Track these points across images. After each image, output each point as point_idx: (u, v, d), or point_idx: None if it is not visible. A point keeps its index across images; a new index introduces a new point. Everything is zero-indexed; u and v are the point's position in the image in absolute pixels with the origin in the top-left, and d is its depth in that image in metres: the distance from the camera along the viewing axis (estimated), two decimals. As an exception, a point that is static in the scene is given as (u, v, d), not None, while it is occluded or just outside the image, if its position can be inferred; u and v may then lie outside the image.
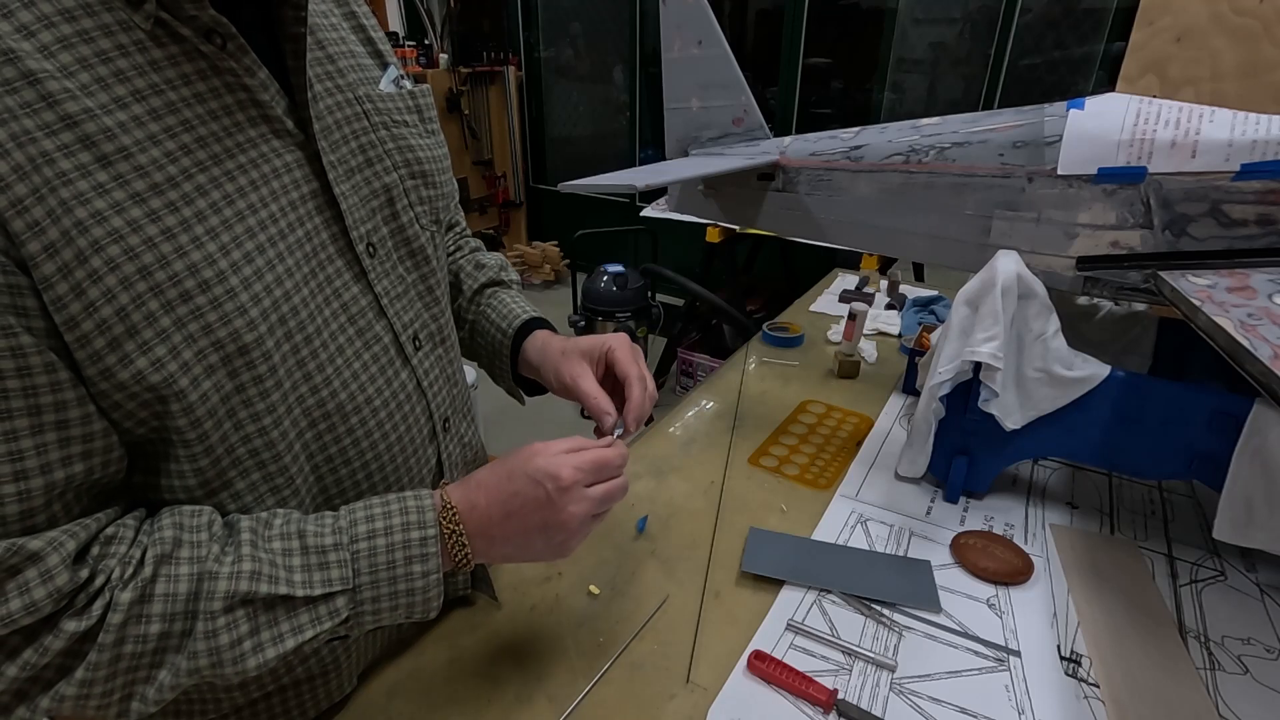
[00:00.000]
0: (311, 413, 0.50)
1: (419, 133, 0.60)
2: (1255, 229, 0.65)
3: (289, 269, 0.47)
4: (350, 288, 0.52)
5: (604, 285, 2.76)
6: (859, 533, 0.78)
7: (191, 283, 0.41)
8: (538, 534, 0.50)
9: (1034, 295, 0.73)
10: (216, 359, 0.43)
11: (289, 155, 0.48)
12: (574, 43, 4.19)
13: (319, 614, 0.45)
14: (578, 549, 0.53)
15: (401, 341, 0.56)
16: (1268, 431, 0.64)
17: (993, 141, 0.76)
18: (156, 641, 0.41)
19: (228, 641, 0.42)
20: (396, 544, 0.47)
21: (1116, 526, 0.80)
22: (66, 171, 0.37)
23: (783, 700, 0.59)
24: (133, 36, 0.40)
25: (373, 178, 0.55)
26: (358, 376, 0.52)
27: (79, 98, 0.37)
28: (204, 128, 0.43)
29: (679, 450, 0.94)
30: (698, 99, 0.99)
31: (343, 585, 0.45)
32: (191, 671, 0.42)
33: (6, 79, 0.35)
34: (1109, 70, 2.71)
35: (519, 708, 0.58)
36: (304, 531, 0.46)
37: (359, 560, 0.46)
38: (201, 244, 0.41)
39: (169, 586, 0.41)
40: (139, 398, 0.41)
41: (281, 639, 0.44)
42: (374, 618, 0.47)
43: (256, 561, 0.43)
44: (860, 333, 1.14)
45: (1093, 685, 0.60)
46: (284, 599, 0.44)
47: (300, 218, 0.48)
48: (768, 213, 0.94)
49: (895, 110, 3.25)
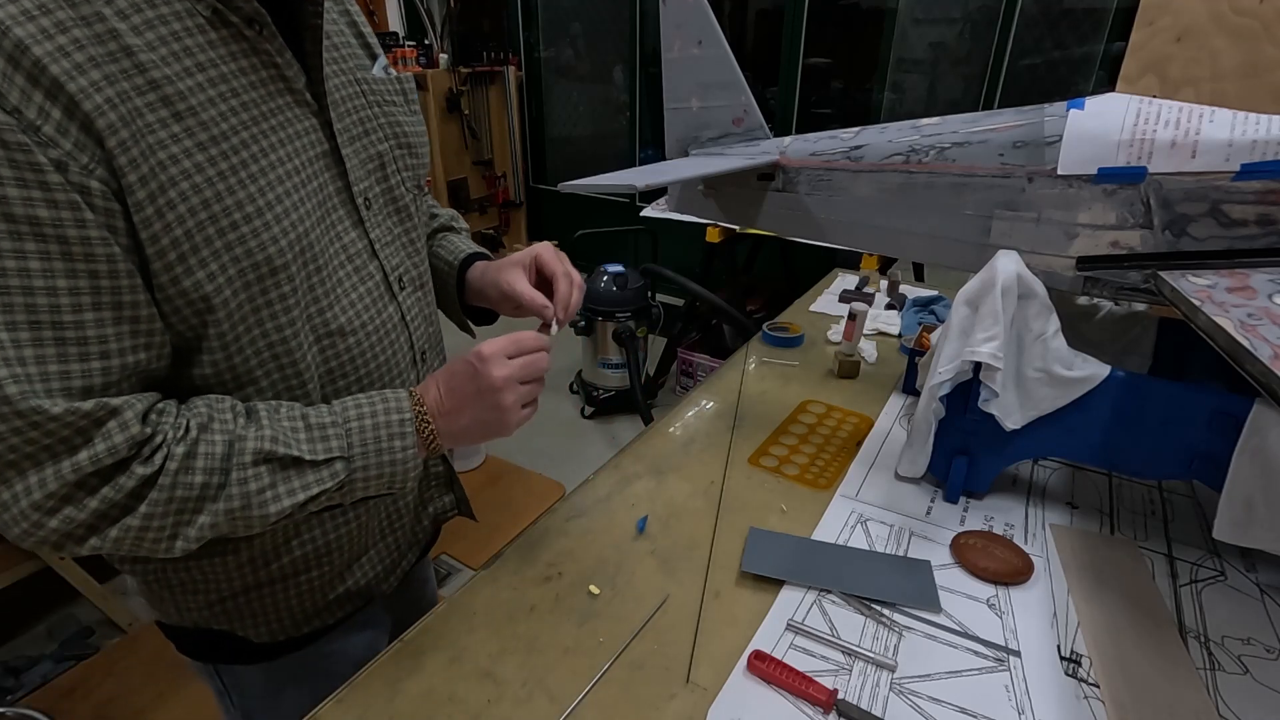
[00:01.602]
0: (318, 330, 0.61)
1: (405, 112, 0.71)
2: (1255, 229, 0.65)
3: (308, 211, 0.57)
4: (350, 232, 0.63)
5: (604, 285, 2.76)
6: (859, 533, 0.78)
7: (239, 214, 0.52)
8: (475, 400, 0.62)
9: (1034, 295, 0.73)
10: (253, 276, 0.54)
11: (307, 121, 0.59)
12: (574, 43, 4.18)
13: (322, 475, 0.56)
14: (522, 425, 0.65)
15: (390, 281, 0.67)
16: (1268, 431, 0.64)
17: (993, 141, 0.76)
18: (200, 490, 0.52)
19: (255, 489, 0.53)
20: (380, 424, 0.59)
21: (1116, 526, 0.80)
22: (152, 123, 0.48)
23: (783, 700, 0.59)
24: (195, 21, 0.51)
25: (369, 145, 0.65)
26: (354, 305, 0.63)
27: (160, 66, 0.48)
28: (247, 95, 0.54)
29: (679, 450, 0.94)
30: (698, 99, 0.99)
31: (340, 453, 0.57)
32: (227, 513, 0.53)
33: (111, 50, 0.46)
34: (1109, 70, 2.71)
35: (519, 708, 0.58)
36: (306, 414, 0.57)
37: (352, 435, 0.58)
38: (245, 185, 0.52)
39: (209, 448, 0.52)
40: (194, 304, 0.52)
41: (294, 492, 0.55)
42: (364, 485, 0.59)
43: (275, 429, 0.55)
44: (860, 333, 1.14)
45: (1093, 685, 0.60)
46: (295, 460, 0.55)
47: (316, 171, 0.59)
48: (768, 213, 0.94)
49: (895, 110, 3.25)
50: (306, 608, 0.71)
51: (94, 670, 1.71)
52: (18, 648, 1.79)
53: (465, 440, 0.64)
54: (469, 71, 3.91)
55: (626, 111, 3.99)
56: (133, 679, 1.68)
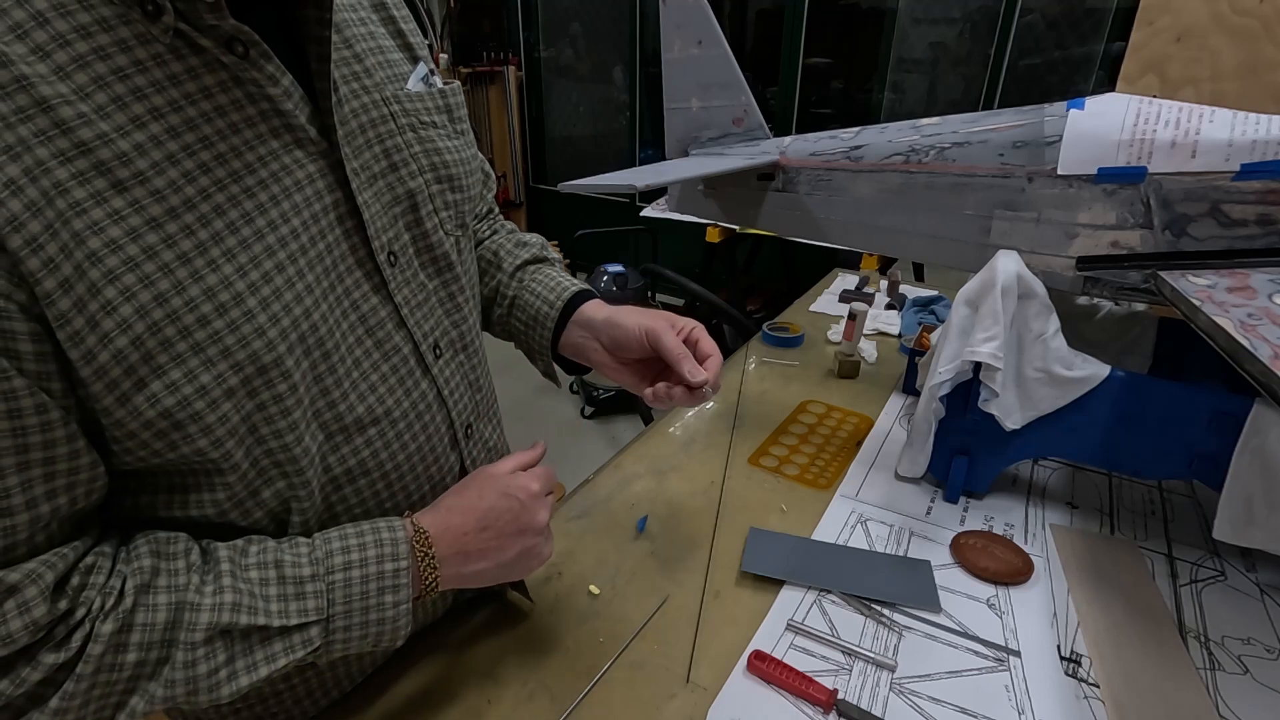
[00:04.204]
0: (329, 426, 0.50)
1: (447, 134, 0.58)
2: (1255, 229, 0.65)
3: (308, 285, 0.45)
4: (369, 299, 0.51)
5: (604, 285, 2.76)
6: (859, 533, 0.78)
7: (208, 307, 0.40)
8: (513, 539, 0.52)
9: (1034, 295, 0.73)
10: (236, 381, 0.42)
11: (311, 166, 0.46)
12: (574, 43, 4.18)
13: (293, 643, 0.45)
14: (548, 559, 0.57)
15: (421, 351, 0.55)
16: (1268, 431, 0.64)
17: (993, 141, 0.76)
18: (133, 669, 0.41)
19: (205, 671, 0.42)
20: (370, 575, 0.47)
21: (1116, 526, 0.80)
22: (80, 201, 0.36)
23: (783, 700, 0.59)
24: (150, 50, 0.38)
25: (396, 183, 0.53)
26: (375, 389, 0.52)
27: (94, 122, 0.36)
28: (224, 143, 0.41)
29: (679, 450, 0.94)
30: (698, 99, 0.99)
31: (318, 615, 0.45)
32: (166, 699, 0.42)
33: (20, 106, 0.34)
34: (1109, 70, 2.71)
35: (519, 708, 0.58)
36: (280, 561, 0.46)
37: (334, 591, 0.46)
38: (218, 266, 0.40)
39: (148, 616, 0.41)
40: (154, 426, 0.40)
41: (255, 667, 0.44)
42: (343, 646, 0.47)
43: (237, 593, 0.43)
44: (860, 333, 1.14)
45: (1093, 685, 0.60)
46: (260, 629, 0.44)
47: (321, 230, 0.47)
48: (768, 213, 0.94)
49: (895, 110, 3.25)
50: (332, 698, 0.60)
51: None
52: (18, 648, 1.79)
53: (470, 581, 0.53)
54: (469, 71, 3.91)
55: (626, 111, 3.99)
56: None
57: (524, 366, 0.76)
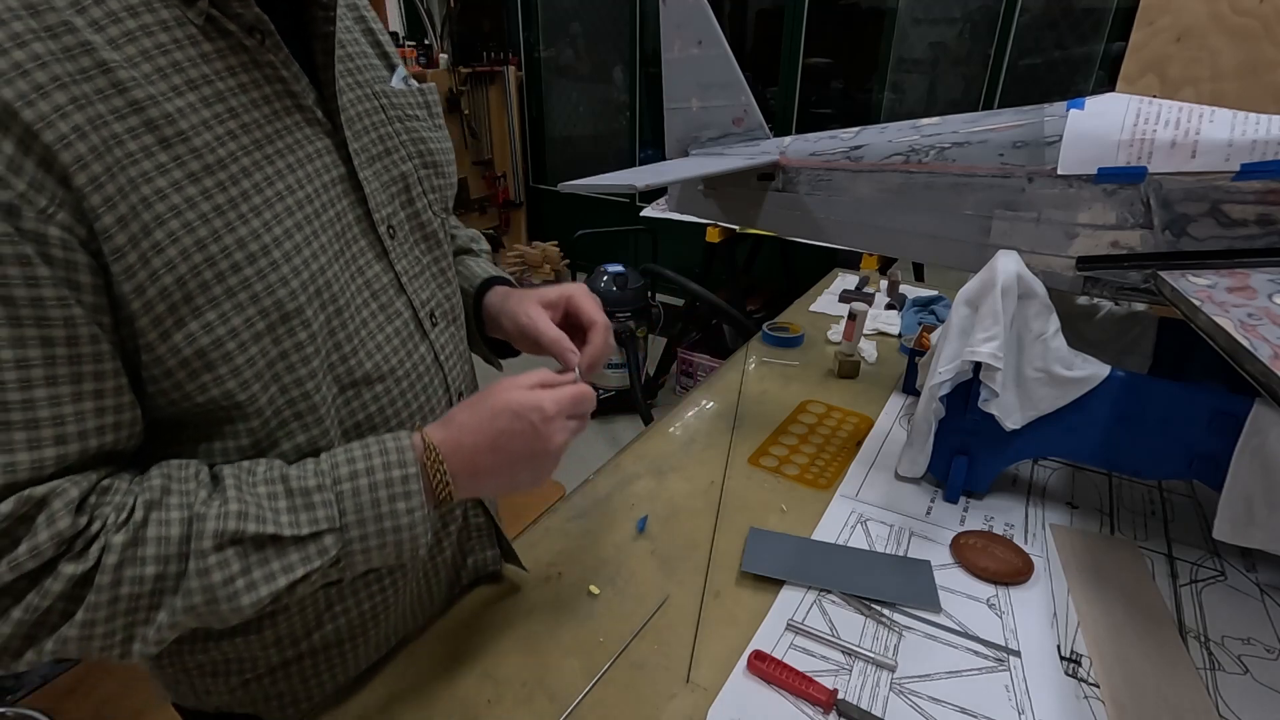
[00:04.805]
0: (341, 379, 0.53)
1: (429, 127, 0.64)
2: (1255, 229, 0.65)
3: (322, 245, 0.50)
4: (373, 266, 0.56)
5: (604, 285, 2.76)
6: (859, 533, 0.78)
7: (240, 255, 0.44)
8: (524, 463, 0.53)
9: (1034, 295, 0.73)
10: (263, 326, 0.46)
11: (319, 142, 0.51)
12: (574, 43, 4.18)
13: (308, 553, 0.46)
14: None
15: (420, 318, 0.60)
16: (1268, 431, 0.64)
17: (993, 141, 0.76)
18: (153, 583, 0.42)
19: (220, 579, 0.43)
20: (379, 483, 0.48)
21: (1116, 526, 0.80)
22: (134, 152, 0.40)
23: (783, 700, 0.59)
24: (186, 31, 0.44)
25: (390, 166, 0.58)
26: (381, 348, 0.56)
27: (143, 85, 0.41)
28: (247, 115, 0.46)
29: (679, 450, 0.94)
30: (698, 99, 0.99)
31: (329, 524, 0.47)
32: (188, 610, 0.43)
33: (84, 67, 0.39)
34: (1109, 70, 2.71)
35: (519, 707, 0.58)
36: (287, 476, 0.48)
37: (344, 500, 0.47)
38: (247, 220, 0.45)
39: (160, 530, 0.43)
40: (189, 365, 0.44)
41: (273, 577, 0.45)
42: (364, 557, 0.49)
43: (243, 503, 0.45)
44: (860, 333, 1.14)
45: (1093, 685, 0.60)
46: (273, 538, 0.45)
47: (331, 199, 0.52)
48: (768, 213, 0.94)
49: (895, 110, 3.25)
50: (338, 682, 0.63)
51: (94, 670, 1.70)
52: (18, 648, 1.79)
53: (482, 494, 0.56)
54: (469, 71, 3.91)
55: (626, 111, 3.99)
56: (133, 679, 1.68)
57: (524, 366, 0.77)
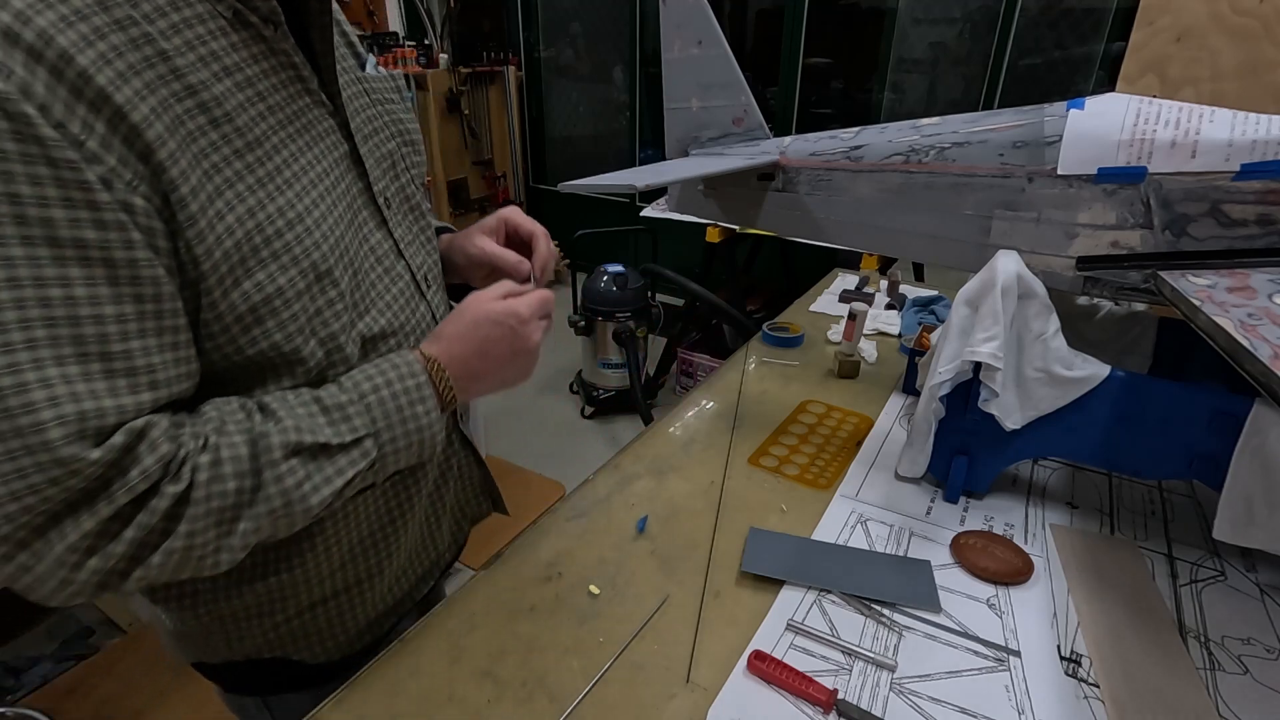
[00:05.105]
0: (362, 334, 0.59)
1: (403, 109, 0.71)
2: (1255, 229, 0.65)
3: (339, 215, 0.56)
4: (375, 233, 0.62)
5: (604, 285, 2.76)
6: (859, 533, 0.78)
7: (281, 221, 0.51)
8: (509, 363, 0.62)
9: (1034, 295, 0.73)
10: (303, 285, 0.52)
11: (327, 122, 0.57)
12: (574, 43, 4.18)
13: (353, 456, 0.54)
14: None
15: (418, 280, 0.66)
16: (1268, 431, 0.64)
17: (993, 141, 0.76)
18: (235, 496, 0.49)
19: (293, 484, 0.51)
20: (398, 392, 0.56)
21: (1116, 526, 0.80)
22: (193, 131, 0.46)
23: (783, 700, 0.59)
24: (217, 24, 0.49)
25: (379, 145, 0.64)
26: (390, 306, 0.62)
27: (194, 71, 0.47)
28: (272, 98, 0.52)
29: (679, 450, 0.94)
30: (698, 99, 0.99)
31: (366, 430, 0.54)
32: (269, 513, 0.50)
33: (147, 56, 0.44)
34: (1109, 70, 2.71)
35: (519, 708, 0.58)
36: (319, 397, 0.54)
37: (373, 410, 0.55)
38: (283, 191, 0.51)
39: (232, 450, 0.49)
40: (243, 320, 0.50)
41: (330, 480, 0.53)
42: (394, 457, 0.57)
43: (295, 418, 0.52)
44: (860, 333, 1.14)
45: (1093, 685, 0.60)
46: (323, 446, 0.52)
47: (341, 173, 0.58)
48: (768, 213, 0.94)
49: (895, 110, 3.25)
50: (360, 622, 0.70)
51: (94, 670, 1.71)
52: (18, 648, 1.79)
53: (480, 393, 0.64)
54: (469, 71, 3.91)
55: (626, 111, 3.99)
56: (133, 679, 1.68)
57: None
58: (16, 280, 0.40)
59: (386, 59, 3.80)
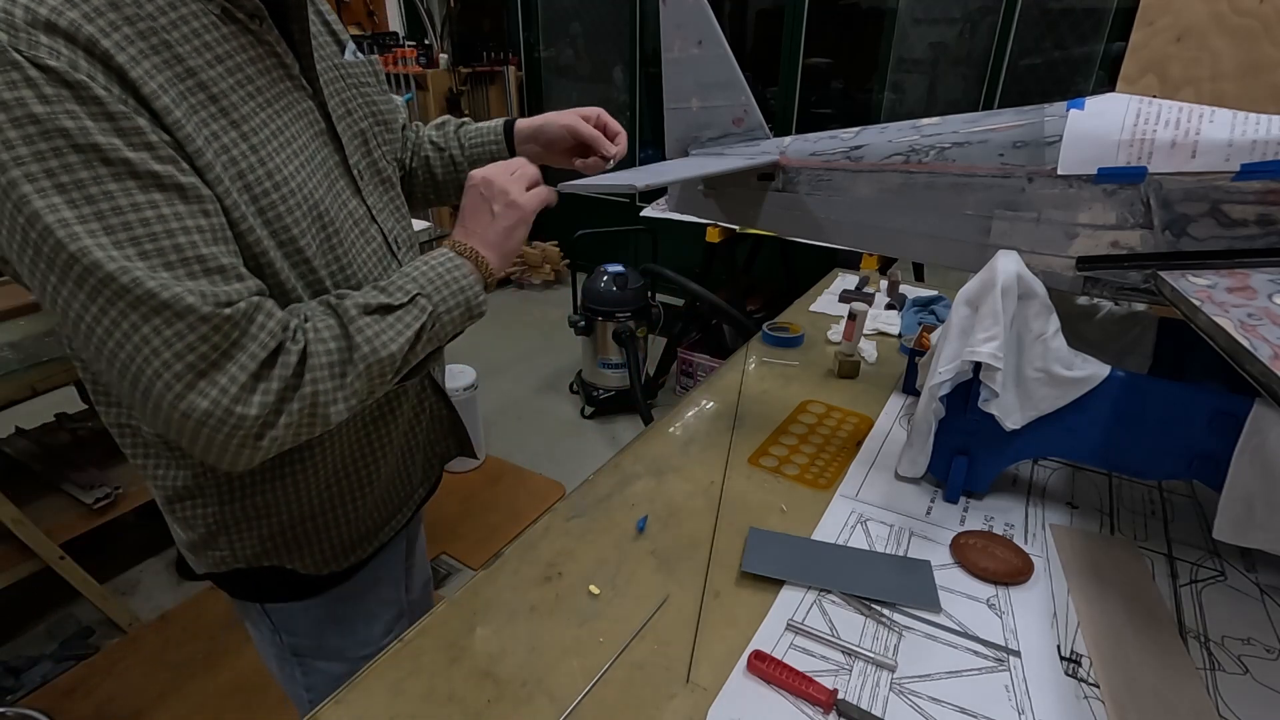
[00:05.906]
0: (341, 286, 0.68)
1: (377, 92, 0.80)
2: (1255, 229, 0.65)
3: (318, 182, 0.66)
4: (351, 201, 0.71)
5: (604, 285, 2.76)
6: (859, 533, 0.78)
7: (269, 183, 0.60)
8: (518, 230, 0.73)
9: (1034, 295, 0.73)
10: (285, 237, 0.62)
11: (305, 103, 0.67)
12: (574, 43, 4.18)
13: (415, 312, 0.64)
14: None
15: (390, 243, 0.76)
16: (1268, 431, 0.64)
17: (993, 141, 0.76)
18: (338, 353, 0.59)
19: (373, 334, 0.61)
20: (435, 265, 0.68)
21: (1116, 526, 0.80)
22: (195, 105, 0.56)
23: (783, 700, 0.59)
24: (209, 19, 0.58)
25: (354, 123, 0.74)
26: (366, 263, 0.71)
27: (193, 57, 0.56)
28: (258, 81, 0.61)
29: (679, 450, 0.94)
30: (698, 99, 0.99)
31: (419, 289, 0.65)
32: (364, 359, 0.60)
33: (154, 45, 0.54)
34: (1109, 70, 2.71)
35: (519, 708, 0.58)
36: (375, 283, 0.66)
37: (419, 280, 0.66)
38: (268, 159, 0.60)
39: (325, 320, 0.60)
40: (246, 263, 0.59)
41: (401, 332, 0.63)
42: (449, 316, 0.67)
43: (360, 295, 0.63)
44: (860, 333, 1.14)
45: (1093, 685, 0.60)
46: (386, 306, 0.63)
47: (318, 146, 0.68)
48: (768, 213, 0.94)
49: (895, 110, 3.25)
50: (344, 538, 0.80)
51: (94, 670, 1.71)
52: (18, 648, 1.79)
53: (508, 258, 0.75)
54: (469, 71, 3.91)
55: (626, 111, 3.99)
56: (133, 679, 1.68)
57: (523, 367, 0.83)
58: (119, 209, 0.50)
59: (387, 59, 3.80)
